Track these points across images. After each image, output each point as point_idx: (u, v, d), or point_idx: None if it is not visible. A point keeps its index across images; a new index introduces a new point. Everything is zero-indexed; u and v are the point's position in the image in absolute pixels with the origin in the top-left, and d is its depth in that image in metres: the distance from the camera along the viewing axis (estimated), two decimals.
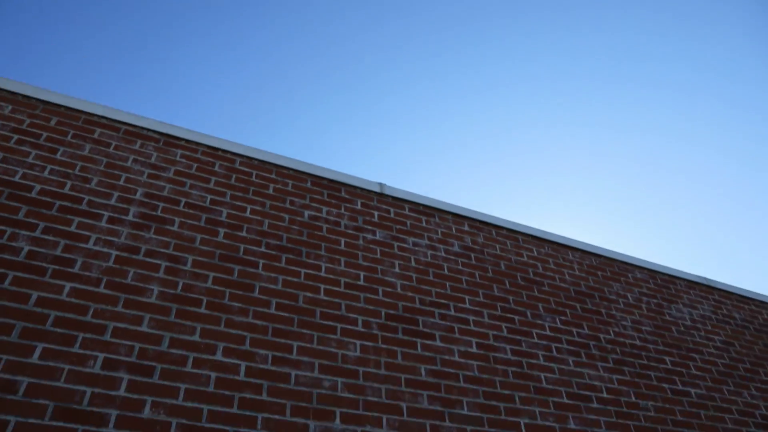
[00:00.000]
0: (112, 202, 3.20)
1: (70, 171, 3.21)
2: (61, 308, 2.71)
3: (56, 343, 2.60)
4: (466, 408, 3.31)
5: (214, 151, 3.79)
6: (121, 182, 3.31)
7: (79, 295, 2.79)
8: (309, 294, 3.35)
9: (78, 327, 2.68)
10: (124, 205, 3.22)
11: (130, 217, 3.18)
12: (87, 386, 2.54)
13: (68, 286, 2.79)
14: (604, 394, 3.84)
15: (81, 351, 2.62)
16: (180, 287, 3.03)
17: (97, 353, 2.65)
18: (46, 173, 3.14)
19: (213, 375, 2.80)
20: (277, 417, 2.81)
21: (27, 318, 2.61)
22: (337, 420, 2.93)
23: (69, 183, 3.16)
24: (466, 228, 4.38)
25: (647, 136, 18.45)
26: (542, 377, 3.71)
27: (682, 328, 4.69)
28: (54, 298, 2.72)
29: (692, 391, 4.25)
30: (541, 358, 3.81)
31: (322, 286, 3.43)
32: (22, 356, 2.50)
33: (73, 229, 3.00)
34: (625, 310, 4.54)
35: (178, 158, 3.61)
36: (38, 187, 3.06)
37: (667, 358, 4.36)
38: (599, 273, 4.74)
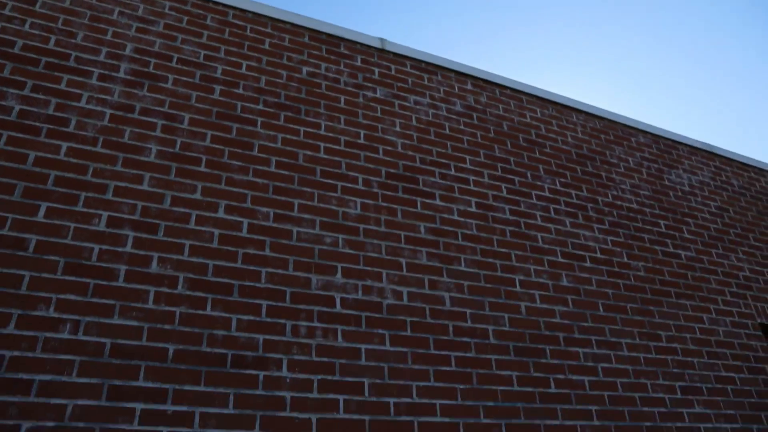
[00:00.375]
0: (101, 58, 3.06)
1: (52, 25, 3.04)
2: (60, 168, 2.69)
3: (59, 202, 2.61)
4: (463, 264, 3.43)
5: (205, 3, 3.56)
6: (108, 37, 3.14)
7: (77, 154, 2.76)
8: (309, 152, 3.33)
9: (79, 186, 2.69)
10: (114, 62, 3.08)
11: (121, 74, 3.06)
12: (94, 243, 2.59)
13: (65, 145, 2.75)
14: (598, 254, 3.96)
15: (84, 210, 2.64)
16: (178, 146, 2.99)
17: (101, 212, 2.67)
18: (26, 27, 2.96)
19: (216, 232, 2.85)
20: (280, 271, 2.90)
21: (27, 178, 2.61)
22: (339, 274, 3.04)
23: (53, 38, 3.00)
24: (469, 87, 4.25)
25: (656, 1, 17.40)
26: (539, 237, 3.80)
27: (680, 194, 4.73)
28: (52, 157, 2.70)
29: (682, 253, 4.37)
30: (538, 218, 3.88)
31: (322, 145, 3.39)
32: (27, 215, 2.53)
33: (63, 86, 2.89)
34: (625, 174, 4.55)
35: (166, 11, 3.40)
36: (20, 42, 2.91)
37: (661, 222, 4.44)
38: (602, 136, 4.68)
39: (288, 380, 2.66)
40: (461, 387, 3.03)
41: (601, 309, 3.73)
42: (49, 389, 2.24)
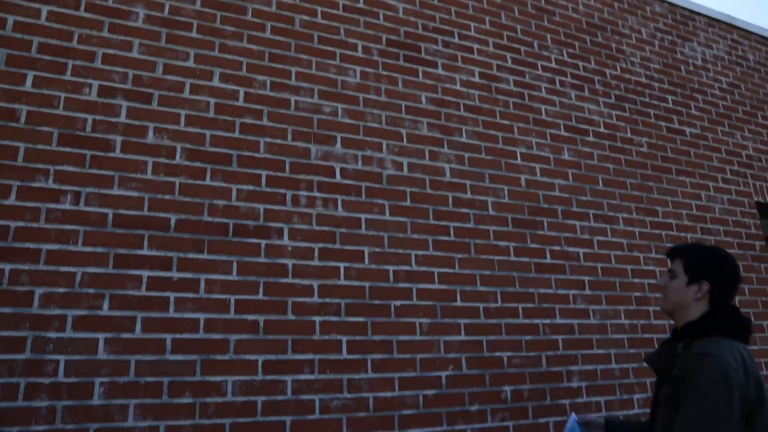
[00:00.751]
0: None
1: None
2: (43, 34, 2.56)
3: (46, 70, 2.51)
4: (464, 136, 3.37)
5: None
6: None
7: (60, 19, 2.61)
8: (305, 17, 3.15)
9: (65, 54, 2.57)
10: None
11: None
12: (87, 113, 2.53)
13: (45, 8, 2.60)
14: (602, 129, 3.89)
15: (74, 78, 2.55)
16: (167, 10, 2.82)
17: (91, 80, 2.58)
18: None
19: (212, 101, 2.77)
20: (279, 141, 2.86)
21: (9, 44, 2.48)
22: (338, 144, 3.00)
23: None
24: None
25: None
26: (542, 109, 3.71)
27: (692, 68, 4.56)
28: (33, 22, 2.55)
29: (687, 130, 4.30)
30: (543, 90, 3.76)
31: (319, 9, 3.20)
32: (15, 84, 2.44)
33: None
34: (637, 46, 4.35)
35: None
36: None
37: (669, 97, 4.32)
38: (615, 4, 4.42)
39: (289, 248, 2.71)
40: (459, 256, 3.10)
41: (600, 183, 3.73)
42: (57, 258, 2.29)
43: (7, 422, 2.05)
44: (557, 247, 3.40)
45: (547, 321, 3.21)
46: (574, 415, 2.29)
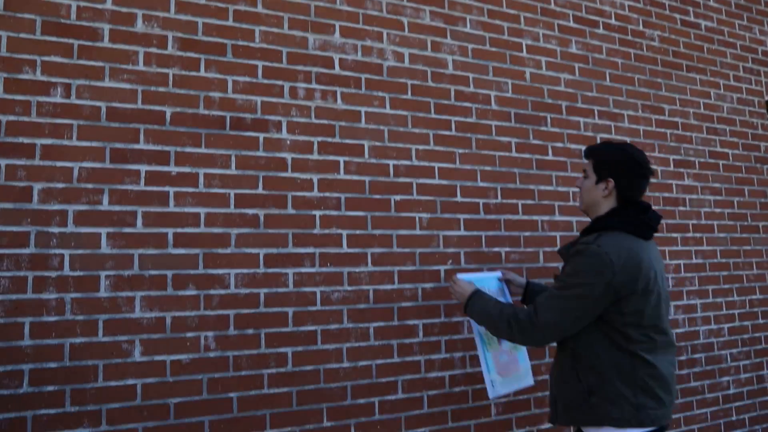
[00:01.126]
0: None
1: None
2: None
3: None
4: (468, 26, 3.22)
5: None
6: None
7: None
8: None
9: None
10: None
11: None
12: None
13: None
14: (612, 21, 3.71)
15: None
16: None
17: None
18: None
19: None
20: (275, 30, 2.72)
21: None
22: (337, 34, 2.86)
23: None
24: None
25: None
26: None
27: None
28: None
29: (703, 23, 4.11)
30: None
31: None
32: None
33: None
34: None
35: None
36: None
37: None
38: None
39: (288, 142, 2.67)
40: (460, 151, 3.06)
41: (608, 79, 3.61)
42: (52, 153, 2.26)
43: (20, 313, 2.11)
44: (560, 144, 3.36)
45: (546, 218, 3.23)
46: (500, 272, 2.39)
